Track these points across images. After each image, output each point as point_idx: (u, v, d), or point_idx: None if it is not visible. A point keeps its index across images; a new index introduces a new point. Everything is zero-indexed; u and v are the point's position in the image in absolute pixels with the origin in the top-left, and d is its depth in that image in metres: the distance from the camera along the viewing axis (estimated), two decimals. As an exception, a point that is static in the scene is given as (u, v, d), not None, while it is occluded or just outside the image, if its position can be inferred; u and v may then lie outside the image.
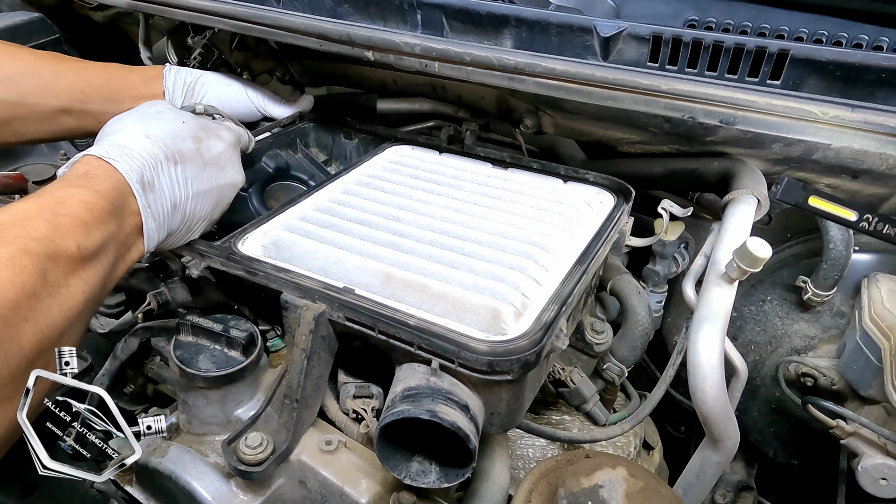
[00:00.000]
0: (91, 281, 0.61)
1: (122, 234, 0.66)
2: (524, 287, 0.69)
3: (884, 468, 0.83)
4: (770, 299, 1.04)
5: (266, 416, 0.71)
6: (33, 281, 0.53)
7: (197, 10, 1.04)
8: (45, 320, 0.54)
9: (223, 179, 0.80)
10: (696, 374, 0.71)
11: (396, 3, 0.89)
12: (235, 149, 0.85)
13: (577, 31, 0.79)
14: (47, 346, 0.55)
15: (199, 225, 0.78)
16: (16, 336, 0.51)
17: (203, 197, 0.77)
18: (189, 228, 0.77)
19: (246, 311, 0.82)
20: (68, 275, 0.58)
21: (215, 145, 0.80)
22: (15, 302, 0.51)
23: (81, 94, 0.93)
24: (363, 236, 0.79)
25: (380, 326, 0.64)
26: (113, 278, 0.66)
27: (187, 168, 0.74)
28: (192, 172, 0.75)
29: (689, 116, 0.75)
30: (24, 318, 0.52)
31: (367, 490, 0.67)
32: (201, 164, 0.76)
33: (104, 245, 0.63)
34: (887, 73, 0.67)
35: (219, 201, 0.81)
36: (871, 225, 0.81)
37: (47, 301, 0.55)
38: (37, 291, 0.53)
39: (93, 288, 0.61)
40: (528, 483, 0.67)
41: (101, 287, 0.64)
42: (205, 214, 0.78)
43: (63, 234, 0.58)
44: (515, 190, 0.92)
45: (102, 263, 0.63)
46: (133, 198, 0.68)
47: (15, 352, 0.51)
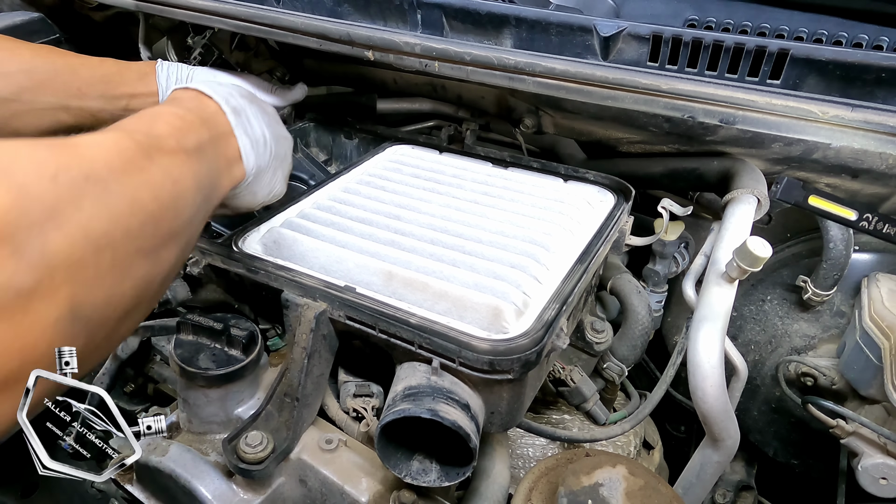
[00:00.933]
0: (198, 174, 0.60)
1: (218, 146, 0.67)
2: (525, 286, 0.69)
3: (884, 468, 0.84)
4: (770, 299, 1.04)
5: (266, 415, 0.71)
6: (139, 158, 0.51)
7: (197, 10, 1.04)
8: (155, 189, 0.52)
9: (283, 131, 0.84)
10: (696, 374, 0.71)
11: (396, 3, 0.89)
12: (275, 111, 0.89)
13: (577, 31, 0.79)
14: (170, 215, 0.53)
15: (279, 173, 0.81)
16: (128, 191, 0.48)
17: (278, 141, 0.79)
18: (274, 172, 0.79)
19: (246, 309, 0.82)
20: (172, 161, 0.56)
21: (265, 104, 0.84)
22: (121, 167, 0.48)
23: (78, 91, 0.93)
24: (364, 235, 0.79)
25: (381, 325, 0.64)
26: (217, 190, 0.66)
27: (259, 110, 0.76)
28: (264, 116, 0.77)
29: (689, 116, 0.75)
30: (135, 186, 0.49)
31: (368, 489, 0.67)
32: (267, 113, 0.79)
33: (201, 147, 0.63)
34: (887, 73, 0.67)
35: (287, 152, 0.84)
36: (871, 224, 0.81)
37: (155, 171, 0.53)
38: (144, 166, 0.52)
39: (200, 180, 0.60)
40: (529, 482, 0.67)
41: (210, 188, 0.62)
42: (282, 158, 0.81)
43: (160, 134, 0.58)
44: (516, 189, 0.92)
45: (204, 164, 0.62)
46: (223, 116, 0.69)
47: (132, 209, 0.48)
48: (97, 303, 0.43)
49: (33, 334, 0.39)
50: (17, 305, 0.37)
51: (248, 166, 0.72)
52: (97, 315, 0.44)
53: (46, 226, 0.39)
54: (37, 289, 0.38)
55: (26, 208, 0.38)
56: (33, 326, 0.38)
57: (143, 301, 0.51)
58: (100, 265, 0.43)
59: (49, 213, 0.40)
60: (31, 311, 0.38)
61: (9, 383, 0.38)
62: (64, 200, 0.41)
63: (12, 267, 0.36)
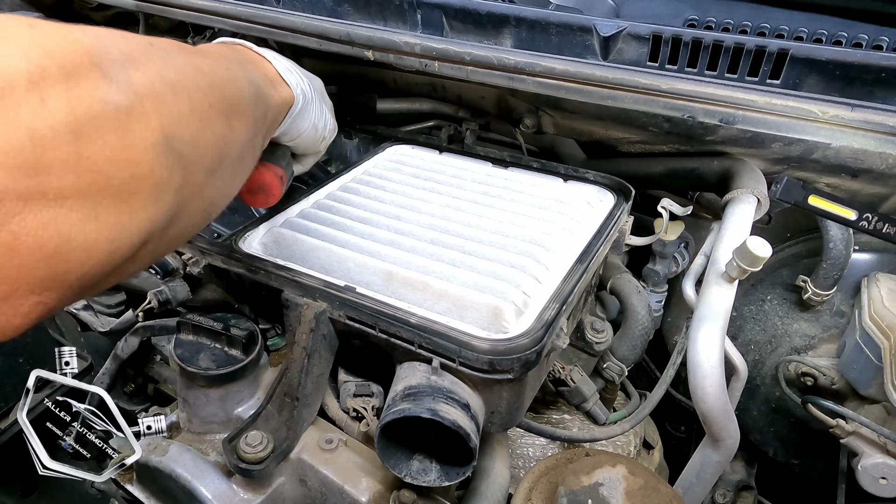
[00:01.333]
0: (246, 71, 0.62)
1: (256, 65, 0.69)
2: (525, 285, 0.69)
3: (883, 467, 0.84)
4: (770, 299, 1.05)
5: (266, 415, 0.71)
6: (190, 49, 0.55)
7: (197, 10, 1.04)
8: (211, 65, 0.55)
9: (310, 73, 0.84)
10: (696, 374, 0.71)
11: (396, 3, 0.89)
12: None
13: (576, 31, 0.79)
14: (231, 88, 0.56)
15: (325, 108, 0.83)
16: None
17: (309, 77, 0.80)
18: (320, 105, 0.81)
19: (246, 309, 0.82)
20: (218, 58, 0.59)
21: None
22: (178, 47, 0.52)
23: None
24: (364, 235, 0.79)
25: (381, 325, 0.64)
26: (269, 101, 0.67)
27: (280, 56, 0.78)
28: (286, 61, 0.78)
29: (688, 116, 0.75)
30: (194, 59, 0.53)
31: (368, 488, 0.67)
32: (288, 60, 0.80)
33: (239, 60, 0.65)
34: (887, 73, 0.67)
35: (322, 90, 0.85)
36: (870, 224, 0.81)
37: (207, 58, 0.56)
38: (195, 53, 0.56)
39: (250, 76, 0.62)
40: (529, 481, 0.67)
41: (258, 89, 0.64)
42: (320, 93, 0.83)
43: (200, 48, 0.61)
44: (516, 189, 0.92)
45: (247, 72, 0.63)
46: (250, 50, 0.72)
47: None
48: (185, 139, 0.46)
49: (138, 151, 0.41)
50: (118, 121, 0.40)
51: (294, 87, 0.73)
52: (188, 154, 0.47)
53: (127, 64, 0.42)
54: (132, 110, 0.41)
55: (108, 48, 0.42)
56: (136, 143, 0.41)
57: (225, 162, 0.54)
58: (180, 106, 0.46)
59: (126, 56, 0.43)
60: (131, 129, 0.41)
61: (123, 194, 0.41)
62: (136, 51, 0.45)
63: (106, 87, 0.40)
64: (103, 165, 0.39)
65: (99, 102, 0.39)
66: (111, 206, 0.40)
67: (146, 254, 0.47)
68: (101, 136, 0.38)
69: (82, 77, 0.38)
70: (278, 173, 0.77)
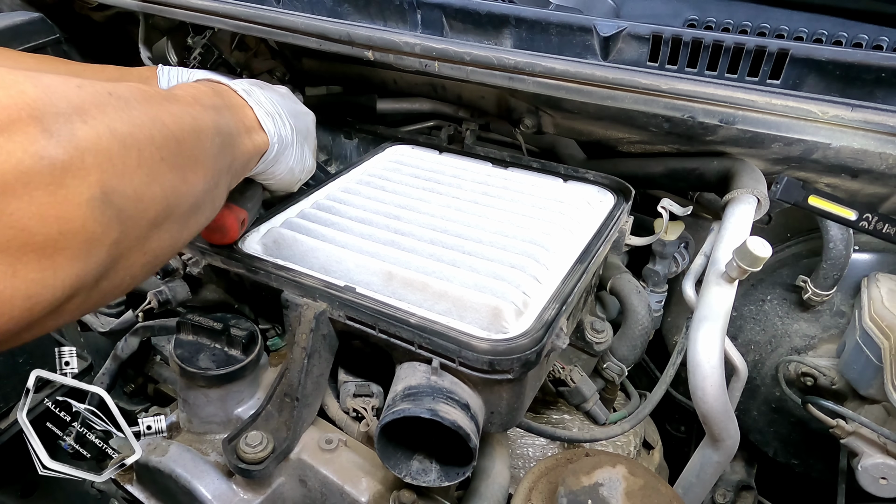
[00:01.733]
0: (216, 121, 0.62)
1: (234, 112, 0.69)
2: (525, 285, 0.69)
3: (883, 467, 0.84)
4: (770, 299, 1.05)
5: (266, 415, 0.71)
6: (157, 97, 0.55)
7: (197, 10, 1.04)
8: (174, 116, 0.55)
9: (301, 108, 0.86)
10: (696, 374, 0.71)
11: (396, 3, 0.89)
12: (291, 93, 0.91)
13: (576, 31, 0.79)
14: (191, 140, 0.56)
15: (306, 148, 0.83)
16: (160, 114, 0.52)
17: (296, 117, 0.81)
18: (301, 147, 0.81)
19: (246, 309, 0.82)
20: (190, 106, 0.59)
21: (279, 88, 0.86)
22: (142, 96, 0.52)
23: None
24: (364, 235, 0.79)
25: (381, 325, 0.64)
26: (239, 148, 0.68)
27: (270, 93, 0.78)
28: (276, 97, 0.79)
29: (688, 116, 0.75)
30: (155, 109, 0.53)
31: (368, 488, 0.67)
32: (278, 94, 0.81)
33: (217, 106, 0.65)
34: (887, 73, 0.67)
35: (308, 128, 0.86)
36: (870, 224, 0.81)
37: (173, 107, 0.56)
38: (162, 102, 0.55)
39: (219, 126, 0.62)
40: (529, 482, 0.67)
41: (229, 137, 0.64)
42: (304, 134, 0.83)
43: (177, 93, 0.61)
44: (515, 189, 0.92)
45: (221, 118, 0.64)
46: (234, 93, 0.72)
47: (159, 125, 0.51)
48: (128, 194, 0.46)
49: (69, 207, 0.41)
50: (52, 177, 0.40)
51: (270, 134, 0.73)
52: (129, 208, 0.46)
53: (73, 117, 0.42)
54: (69, 166, 0.41)
55: (54, 101, 0.42)
56: (68, 199, 0.41)
57: (173, 215, 0.53)
58: (126, 161, 0.46)
59: (75, 109, 0.43)
60: (65, 185, 0.40)
61: (47, 251, 0.40)
62: (88, 103, 0.44)
63: (44, 142, 0.39)
64: (28, 222, 0.38)
65: (32, 157, 0.38)
66: (33, 263, 0.39)
67: (73, 308, 0.46)
68: (29, 193, 0.38)
69: (18, 131, 0.38)
70: (240, 217, 0.76)
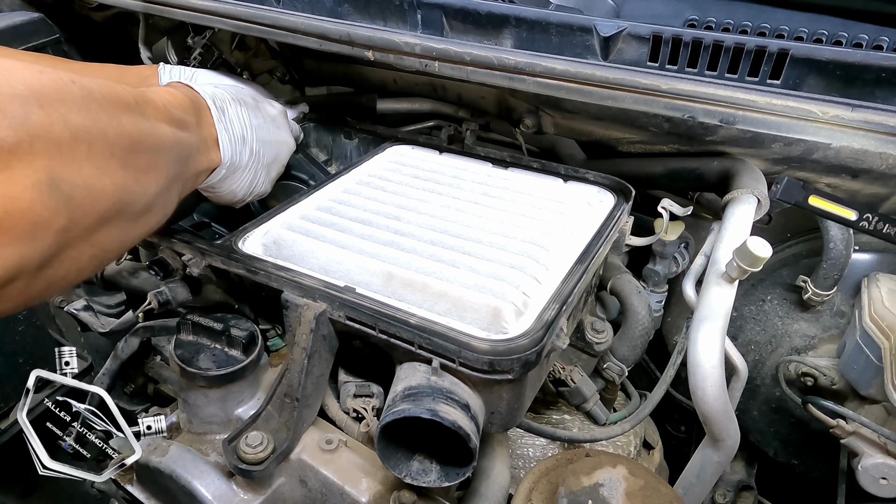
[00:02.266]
0: (178, 135, 0.64)
1: (202, 127, 0.73)
2: (525, 286, 0.69)
3: (884, 467, 0.84)
4: (770, 299, 1.04)
5: (266, 415, 0.71)
6: (127, 96, 0.56)
7: (197, 10, 1.04)
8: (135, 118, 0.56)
9: (279, 136, 0.90)
10: (696, 374, 0.71)
11: (396, 3, 0.89)
12: (285, 117, 0.94)
13: (577, 31, 0.79)
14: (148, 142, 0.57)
15: (262, 174, 0.86)
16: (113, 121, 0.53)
17: (265, 145, 0.85)
18: (255, 173, 0.83)
19: (246, 310, 0.82)
20: (157, 114, 0.61)
21: (270, 108, 0.89)
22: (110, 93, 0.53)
23: None
24: (364, 235, 0.79)
25: (381, 325, 0.64)
26: (194, 163, 0.70)
27: (250, 114, 0.82)
28: (255, 121, 0.82)
29: (689, 116, 0.75)
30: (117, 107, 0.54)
31: (368, 489, 0.67)
32: (261, 118, 0.84)
33: (185, 121, 0.68)
34: (887, 73, 0.67)
35: (277, 156, 0.89)
36: (871, 224, 0.81)
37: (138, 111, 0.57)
38: (129, 102, 0.56)
39: (180, 139, 0.64)
40: (529, 482, 0.67)
41: (188, 152, 0.67)
42: (267, 161, 0.86)
43: (152, 97, 0.63)
44: (515, 189, 0.92)
45: (185, 133, 0.66)
46: (207, 110, 0.74)
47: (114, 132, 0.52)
48: (77, 183, 0.47)
49: (15, 188, 0.42)
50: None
51: (224, 157, 0.76)
52: (79, 197, 0.47)
53: (29, 101, 0.43)
54: (17, 148, 0.42)
55: (12, 83, 0.43)
56: (14, 180, 0.42)
57: (125, 212, 0.54)
58: (76, 152, 0.47)
59: (33, 93, 0.44)
60: (11, 166, 0.42)
61: None
62: (48, 89, 0.45)
63: None
64: None
65: None
66: None
67: (14, 293, 0.46)
68: None
69: None
70: None
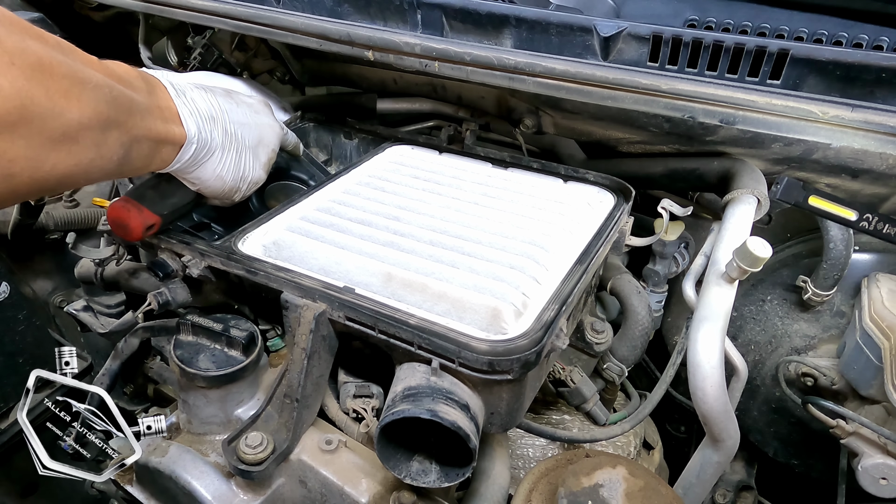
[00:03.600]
0: (119, 91, 0.62)
1: (153, 95, 0.69)
2: (524, 286, 0.69)
3: (884, 468, 0.84)
4: (770, 299, 1.04)
5: (266, 416, 0.71)
6: (46, 36, 0.56)
7: (197, 10, 1.04)
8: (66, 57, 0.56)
9: (259, 119, 0.85)
10: (696, 374, 0.71)
11: (396, 3, 0.89)
12: (267, 105, 0.90)
13: (577, 31, 0.79)
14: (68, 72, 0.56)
15: (248, 158, 0.82)
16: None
17: (243, 127, 0.80)
18: (238, 154, 0.80)
19: (246, 310, 0.82)
20: (84, 62, 0.59)
21: (245, 98, 0.86)
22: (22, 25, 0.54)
23: None
24: (363, 236, 0.79)
25: (380, 326, 0.64)
26: (143, 125, 0.66)
27: (219, 99, 0.78)
28: (226, 104, 0.79)
29: (689, 116, 0.75)
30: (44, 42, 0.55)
31: (368, 489, 0.67)
32: (233, 103, 0.80)
33: (129, 82, 0.65)
34: (887, 73, 0.67)
35: (261, 139, 0.85)
36: (871, 224, 0.81)
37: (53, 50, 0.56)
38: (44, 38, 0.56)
39: (120, 93, 0.62)
40: (529, 482, 0.67)
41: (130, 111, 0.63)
42: (251, 144, 0.82)
43: (82, 52, 0.61)
44: (515, 190, 0.92)
45: (127, 93, 0.63)
46: (161, 86, 0.71)
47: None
48: None
49: None
50: None
51: (189, 131, 0.71)
52: None
53: None
54: None
55: None
56: None
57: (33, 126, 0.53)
58: None
59: None
60: None
61: None
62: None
63: None
64: None
65: None
66: None
67: None
68: None
69: None
70: (147, 221, 0.75)
